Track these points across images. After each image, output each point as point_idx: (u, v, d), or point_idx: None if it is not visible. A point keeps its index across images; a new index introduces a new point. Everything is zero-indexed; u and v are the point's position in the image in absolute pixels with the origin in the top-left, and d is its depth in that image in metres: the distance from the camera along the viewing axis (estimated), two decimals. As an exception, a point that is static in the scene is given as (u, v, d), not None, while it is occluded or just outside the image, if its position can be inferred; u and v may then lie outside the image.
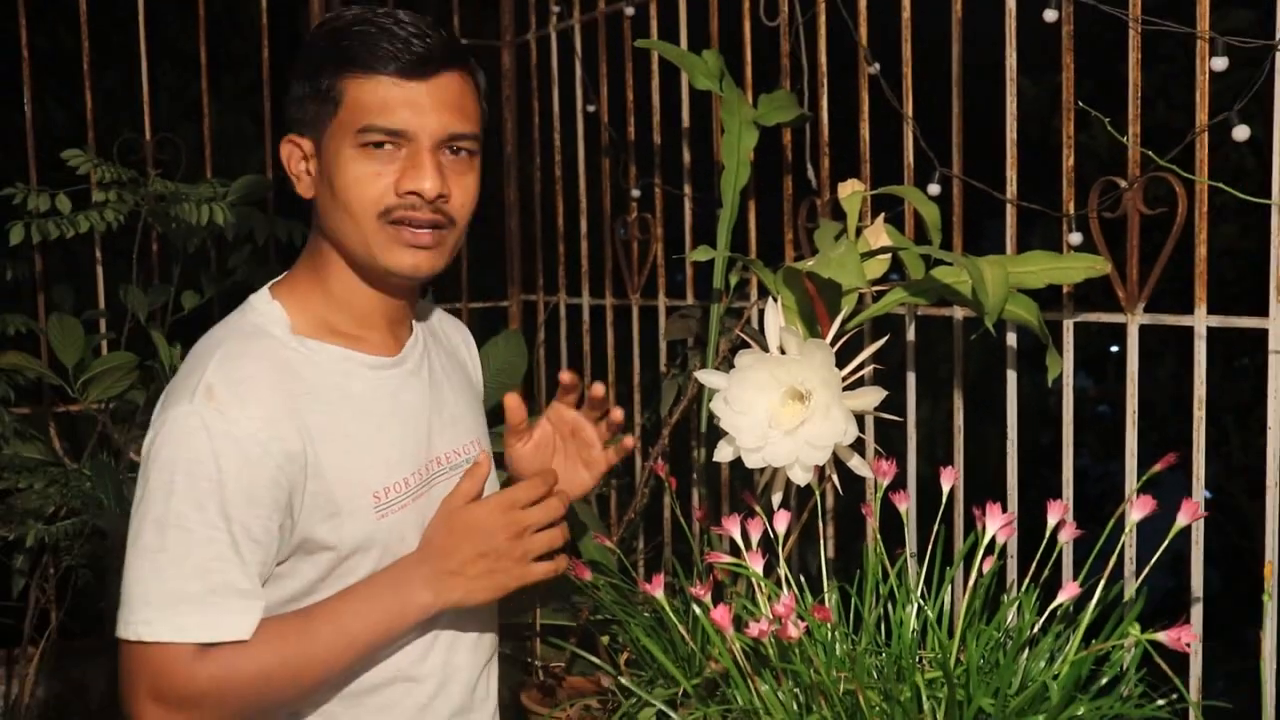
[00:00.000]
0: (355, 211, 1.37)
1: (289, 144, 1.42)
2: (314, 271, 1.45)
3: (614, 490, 2.62)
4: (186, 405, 1.31)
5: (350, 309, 1.44)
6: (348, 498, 1.37)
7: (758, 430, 1.45)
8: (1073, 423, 1.71)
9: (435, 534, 1.41)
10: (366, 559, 1.39)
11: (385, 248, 1.38)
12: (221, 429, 1.29)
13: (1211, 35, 1.51)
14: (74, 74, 2.71)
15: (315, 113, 1.38)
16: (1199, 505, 1.35)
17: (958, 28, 1.81)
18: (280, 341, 1.39)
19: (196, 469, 1.29)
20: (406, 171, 1.36)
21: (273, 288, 1.46)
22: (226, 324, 1.43)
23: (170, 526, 1.28)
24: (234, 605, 1.29)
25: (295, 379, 1.37)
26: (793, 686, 1.33)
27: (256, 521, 1.31)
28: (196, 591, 1.28)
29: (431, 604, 1.39)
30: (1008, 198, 1.76)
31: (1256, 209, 1.48)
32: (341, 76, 1.36)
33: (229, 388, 1.32)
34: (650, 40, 2.05)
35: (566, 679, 1.89)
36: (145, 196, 2.42)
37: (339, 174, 1.37)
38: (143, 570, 1.29)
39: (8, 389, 2.36)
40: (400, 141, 1.36)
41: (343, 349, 1.42)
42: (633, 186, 2.50)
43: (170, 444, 1.30)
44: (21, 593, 2.54)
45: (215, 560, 1.29)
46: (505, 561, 1.40)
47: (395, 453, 1.43)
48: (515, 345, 2.47)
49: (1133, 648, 1.30)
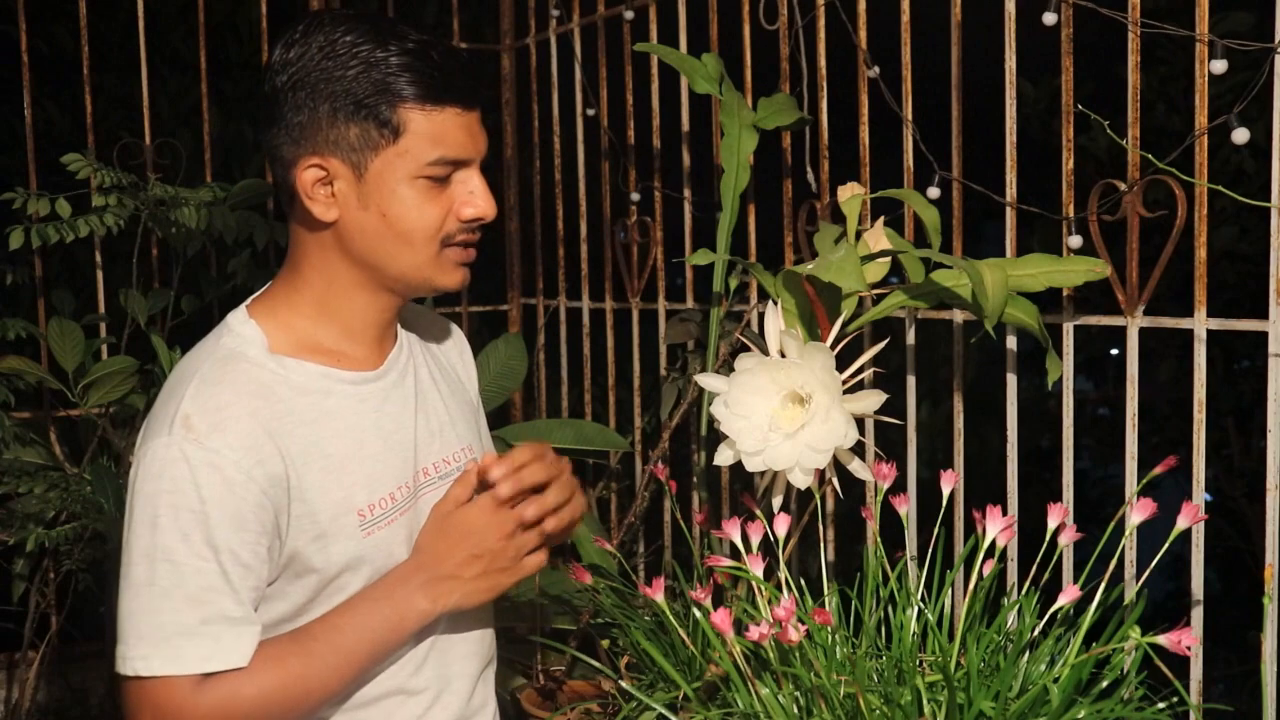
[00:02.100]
0: (416, 240, 1.37)
1: (315, 168, 1.36)
2: (298, 290, 1.42)
3: (614, 494, 2.62)
4: (165, 437, 1.30)
5: (342, 324, 1.43)
6: (331, 518, 1.36)
7: (758, 434, 1.45)
8: (1073, 425, 1.71)
9: (427, 540, 1.41)
10: (356, 577, 1.39)
11: (444, 270, 1.40)
12: (201, 458, 1.29)
13: (1211, 38, 1.51)
14: (74, 78, 2.71)
15: (360, 139, 1.34)
16: (1199, 508, 1.35)
17: (957, 31, 1.81)
18: (256, 363, 1.37)
19: (179, 500, 1.28)
20: (464, 198, 1.38)
21: (250, 306, 1.44)
22: (203, 347, 1.41)
23: (158, 560, 1.28)
24: (229, 633, 1.29)
25: (273, 401, 1.35)
26: (793, 690, 1.33)
27: (245, 547, 1.30)
28: (190, 623, 1.28)
29: (429, 611, 1.38)
30: (1007, 201, 1.76)
31: (1256, 211, 1.48)
32: (404, 106, 1.33)
33: (206, 416, 1.31)
34: (650, 44, 2.05)
35: (567, 683, 1.89)
36: (145, 201, 2.42)
37: (396, 203, 1.36)
38: (135, 605, 1.29)
39: (8, 394, 2.36)
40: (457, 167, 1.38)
41: (321, 367, 1.40)
42: (632, 190, 2.50)
43: (151, 477, 1.29)
44: (22, 597, 2.55)
45: (206, 591, 1.28)
46: (500, 560, 1.39)
47: (379, 469, 1.41)
48: (515, 349, 2.47)
49: (1133, 651, 1.30)
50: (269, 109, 1.37)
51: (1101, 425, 5.36)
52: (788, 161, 2.11)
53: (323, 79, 1.34)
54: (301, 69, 1.34)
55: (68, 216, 2.37)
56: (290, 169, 1.37)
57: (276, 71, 1.35)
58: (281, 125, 1.36)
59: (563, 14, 2.68)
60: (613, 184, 2.57)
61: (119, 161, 2.53)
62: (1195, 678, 1.55)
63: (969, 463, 1.84)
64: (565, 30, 2.67)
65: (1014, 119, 1.75)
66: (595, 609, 1.78)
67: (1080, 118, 1.65)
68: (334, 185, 1.37)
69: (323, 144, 1.35)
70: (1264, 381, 1.50)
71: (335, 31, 1.34)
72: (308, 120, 1.34)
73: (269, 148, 1.39)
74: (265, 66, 1.38)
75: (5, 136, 3.81)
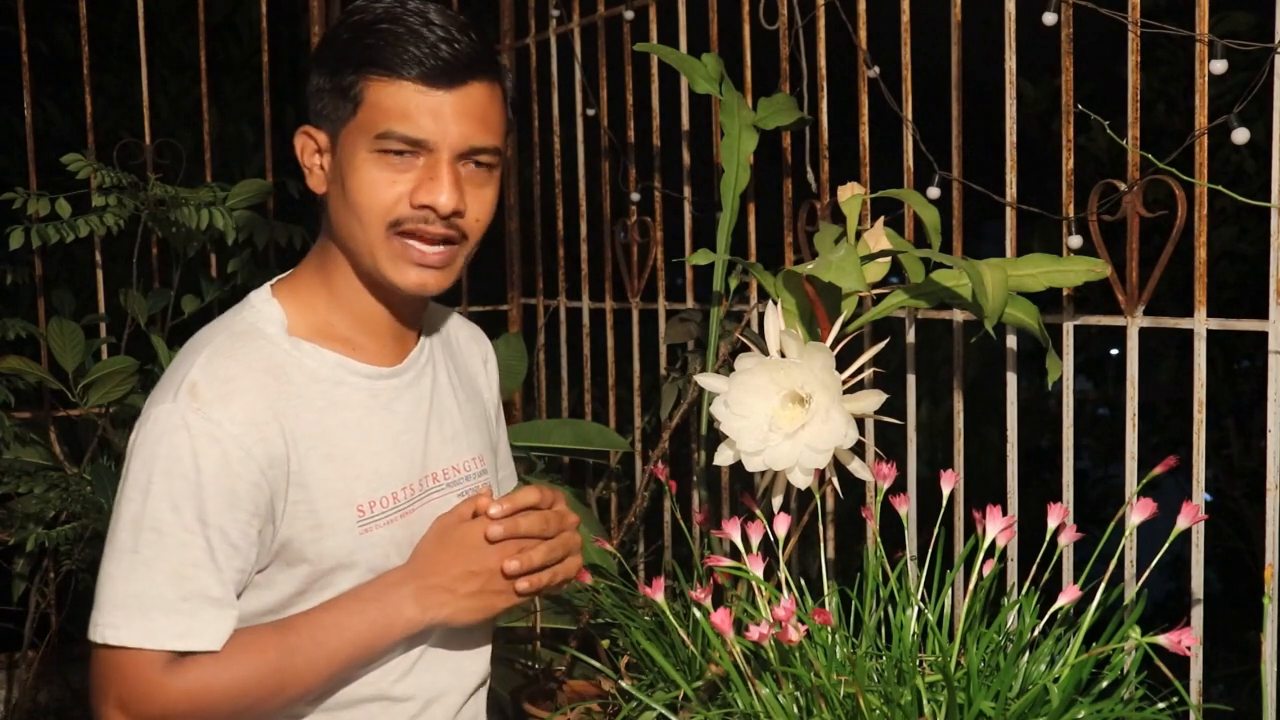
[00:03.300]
0: (364, 218, 1.31)
1: (304, 135, 1.36)
2: (320, 271, 1.40)
3: (614, 494, 2.62)
4: (169, 404, 1.27)
5: (353, 313, 1.39)
6: (330, 509, 1.33)
7: (758, 434, 1.45)
8: (1073, 425, 1.71)
9: (426, 548, 1.37)
10: (348, 575, 1.35)
11: (391, 262, 1.33)
12: (203, 428, 1.25)
13: (1211, 38, 1.51)
14: (74, 78, 2.72)
15: (333, 108, 1.32)
16: (1199, 508, 1.35)
17: (957, 31, 1.81)
18: (273, 342, 1.34)
19: (174, 468, 1.25)
20: (423, 183, 1.31)
21: (275, 285, 1.41)
22: (221, 320, 1.39)
23: (145, 528, 1.24)
24: (207, 613, 1.25)
25: (283, 381, 1.32)
26: (793, 690, 1.33)
27: (235, 526, 1.26)
28: (169, 597, 1.24)
29: (417, 619, 1.34)
30: (1007, 201, 1.76)
31: (1256, 211, 1.48)
32: (363, 75, 1.29)
33: (213, 387, 1.28)
34: (650, 44, 2.05)
35: (567, 683, 1.89)
36: (145, 201, 2.42)
37: (351, 176, 1.31)
38: (115, 571, 1.26)
39: (8, 394, 2.36)
40: (419, 151, 1.30)
41: (338, 355, 1.37)
42: (632, 190, 2.50)
43: (150, 442, 1.26)
44: (22, 597, 2.55)
45: (189, 566, 1.24)
46: (496, 582, 1.35)
47: (384, 466, 1.37)
48: (515, 349, 2.48)
49: (1133, 651, 1.30)
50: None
51: (1101, 425, 5.36)
52: (788, 161, 2.11)
53: (324, 48, 1.34)
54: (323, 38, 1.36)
55: (68, 216, 2.37)
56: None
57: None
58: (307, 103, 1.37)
59: (563, 14, 2.68)
60: (613, 184, 2.57)
61: (119, 161, 2.53)
62: (1195, 678, 1.55)
63: (969, 463, 1.84)
64: (565, 30, 2.67)
65: (1014, 119, 1.75)
66: (595, 609, 1.78)
67: (1080, 118, 1.65)
68: (321, 156, 1.35)
69: (313, 115, 1.35)
70: (1264, 381, 1.50)
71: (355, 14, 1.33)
72: (310, 90, 1.35)
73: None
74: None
75: (5, 136, 3.81)
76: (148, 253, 2.65)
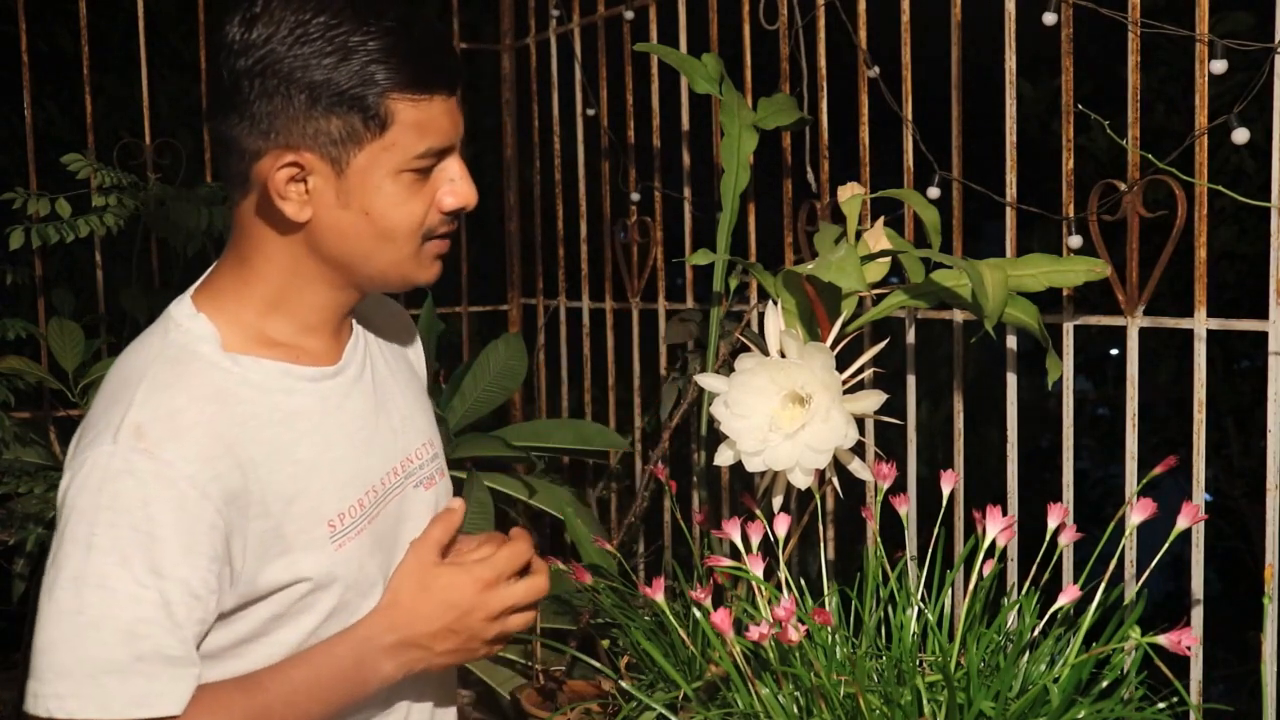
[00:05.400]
0: (399, 236, 1.25)
1: (288, 165, 1.21)
2: (248, 284, 1.28)
3: (614, 494, 2.62)
4: (108, 445, 1.14)
5: (298, 317, 1.29)
6: (300, 530, 1.23)
7: (758, 434, 1.45)
8: (1073, 425, 1.71)
9: (406, 596, 1.29)
10: (327, 595, 1.25)
11: (422, 265, 1.29)
12: (152, 472, 1.13)
13: (1211, 38, 1.51)
14: (74, 78, 2.72)
15: (343, 132, 1.20)
16: (1199, 508, 1.35)
17: (957, 31, 1.81)
18: (211, 362, 1.23)
19: (120, 519, 1.12)
20: (446, 187, 1.27)
21: (195, 298, 1.30)
22: (147, 345, 1.26)
23: (89, 586, 1.12)
24: (164, 674, 1.13)
25: (232, 404, 1.21)
26: (793, 690, 1.33)
27: (195, 574, 1.14)
28: (121, 659, 1.11)
29: (393, 675, 1.28)
30: (1007, 201, 1.76)
31: (1256, 211, 1.48)
32: (391, 96, 1.20)
33: (159, 423, 1.16)
34: (650, 44, 2.05)
35: (567, 683, 1.89)
36: (145, 201, 2.42)
37: (376, 197, 1.23)
38: (56, 636, 1.13)
39: (8, 394, 2.36)
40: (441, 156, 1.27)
41: (280, 363, 1.27)
42: (632, 190, 2.50)
43: (89, 491, 1.14)
44: (22, 597, 2.54)
45: (142, 623, 1.12)
46: (475, 640, 1.31)
47: (347, 473, 1.29)
48: (515, 349, 2.47)
49: (1133, 651, 1.30)
50: (226, 94, 1.20)
51: (1101, 425, 5.36)
52: (788, 161, 2.11)
53: (297, 65, 1.18)
54: (270, 53, 1.18)
55: (68, 216, 2.37)
56: (254, 162, 1.22)
57: (236, 53, 1.18)
58: (244, 114, 1.20)
59: (563, 14, 2.68)
60: (613, 184, 2.57)
61: (119, 161, 2.53)
62: (1195, 678, 1.55)
63: (969, 463, 1.84)
64: (565, 30, 2.67)
65: (1014, 119, 1.75)
66: (595, 609, 1.78)
67: (1080, 118, 1.65)
68: (308, 182, 1.22)
69: (298, 138, 1.20)
70: (1264, 381, 1.50)
71: (306, 11, 1.18)
72: (279, 111, 1.19)
73: (222, 136, 1.23)
74: (217, 45, 1.21)
75: (5, 136, 3.81)
76: (148, 253, 2.65)
